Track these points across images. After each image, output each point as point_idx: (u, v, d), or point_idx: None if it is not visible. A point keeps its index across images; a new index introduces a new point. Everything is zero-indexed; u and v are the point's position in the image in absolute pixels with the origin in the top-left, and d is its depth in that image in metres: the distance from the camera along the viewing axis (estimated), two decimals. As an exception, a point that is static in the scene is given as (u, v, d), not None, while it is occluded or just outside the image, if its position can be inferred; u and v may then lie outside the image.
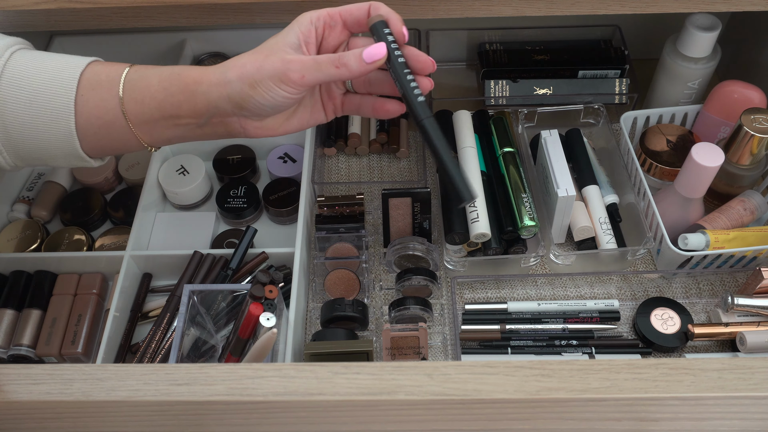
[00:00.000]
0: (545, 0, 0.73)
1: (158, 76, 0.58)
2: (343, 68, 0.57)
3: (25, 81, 0.57)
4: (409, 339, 0.75)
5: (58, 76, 0.58)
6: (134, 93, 0.58)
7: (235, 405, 0.51)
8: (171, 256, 0.82)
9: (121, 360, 0.77)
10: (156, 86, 0.58)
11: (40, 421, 0.54)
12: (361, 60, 0.57)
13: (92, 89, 0.58)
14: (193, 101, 0.58)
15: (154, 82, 0.58)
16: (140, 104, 0.58)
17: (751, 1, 0.73)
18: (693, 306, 0.81)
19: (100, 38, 1.03)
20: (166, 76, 0.58)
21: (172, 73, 0.59)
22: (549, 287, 0.83)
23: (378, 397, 0.50)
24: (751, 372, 0.51)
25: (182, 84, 0.58)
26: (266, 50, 0.58)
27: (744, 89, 0.85)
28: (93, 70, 0.59)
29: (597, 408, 0.52)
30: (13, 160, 0.60)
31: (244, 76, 0.57)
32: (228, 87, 0.57)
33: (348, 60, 0.57)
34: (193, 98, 0.58)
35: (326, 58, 0.57)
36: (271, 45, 0.59)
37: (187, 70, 0.59)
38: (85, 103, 0.58)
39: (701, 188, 0.79)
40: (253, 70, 0.57)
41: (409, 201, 0.82)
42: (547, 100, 0.96)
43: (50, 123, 0.57)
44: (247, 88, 0.57)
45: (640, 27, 1.02)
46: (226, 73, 0.58)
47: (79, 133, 0.58)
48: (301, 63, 0.57)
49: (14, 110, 0.57)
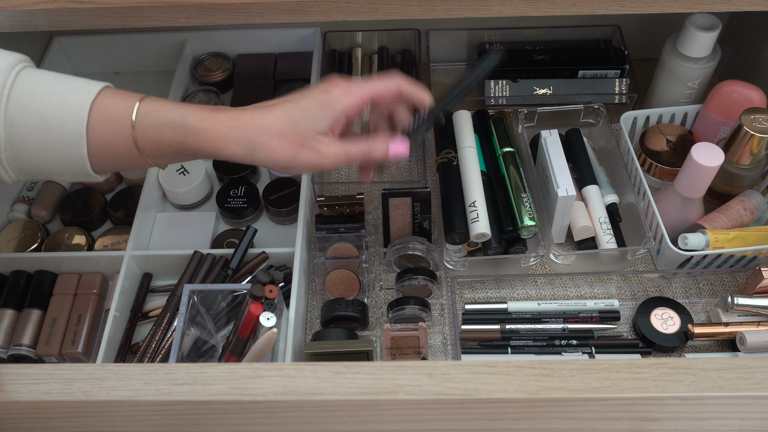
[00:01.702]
0: (545, 0, 0.73)
1: (171, 130, 0.58)
2: (371, 157, 0.62)
3: (34, 104, 0.56)
4: (409, 339, 0.75)
5: (68, 101, 0.57)
6: (148, 135, 0.58)
7: (235, 405, 0.51)
8: (171, 256, 0.82)
9: (121, 360, 0.77)
10: (170, 139, 0.58)
11: (40, 421, 0.54)
12: (386, 156, 0.62)
13: (103, 122, 0.58)
14: (212, 156, 0.60)
15: (167, 135, 0.58)
16: (156, 147, 0.59)
17: (751, 1, 0.73)
18: (693, 306, 0.81)
19: (100, 38, 1.03)
20: (180, 132, 0.58)
21: (186, 130, 0.58)
22: (549, 287, 0.83)
23: (378, 396, 0.50)
24: (751, 372, 0.51)
25: (199, 145, 0.58)
26: (297, 141, 0.58)
27: (744, 89, 0.85)
28: (103, 104, 0.58)
29: (597, 407, 0.52)
30: (17, 176, 0.60)
31: (276, 161, 0.59)
32: (255, 162, 0.59)
33: (376, 153, 0.62)
34: (213, 156, 0.60)
35: (356, 153, 0.61)
36: (302, 135, 0.58)
37: (202, 131, 0.58)
38: (96, 134, 0.57)
39: (701, 188, 0.79)
40: (286, 159, 0.58)
41: (409, 201, 0.82)
42: (547, 100, 0.96)
43: (61, 147, 0.57)
44: (278, 168, 0.60)
45: (640, 27, 1.02)
46: (254, 152, 0.58)
47: (91, 158, 0.58)
48: (335, 157, 0.60)
49: (23, 132, 0.56)
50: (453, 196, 0.81)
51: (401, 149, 0.62)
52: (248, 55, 1.05)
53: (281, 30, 1.03)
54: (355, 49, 1.04)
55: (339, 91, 0.60)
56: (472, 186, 0.81)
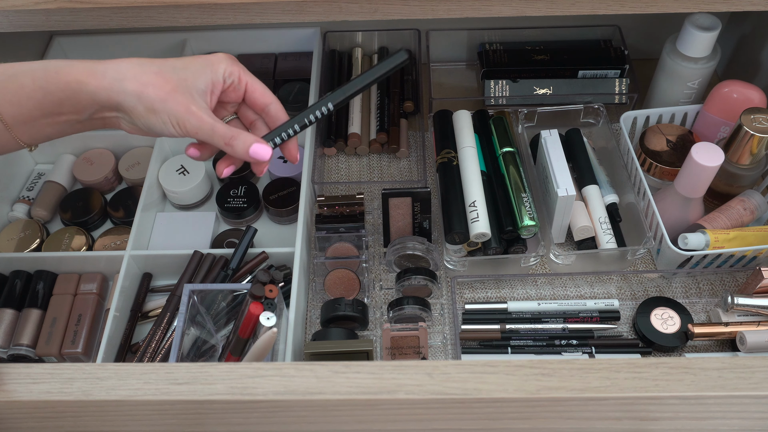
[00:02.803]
0: (545, 0, 0.73)
1: (31, 75, 0.56)
2: (230, 148, 0.60)
3: None
4: (409, 339, 0.75)
5: None
6: (7, 95, 0.56)
7: (235, 404, 0.51)
8: (171, 255, 0.82)
9: (121, 360, 0.77)
10: (31, 86, 0.56)
11: (40, 421, 0.54)
12: (246, 153, 0.60)
13: None
14: (75, 99, 0.57)
15: (27, 82, 0.56)
16: (16, 106, 0.56)
17: (751, 1, 0.73)
18: (693, 306, 0.81)
19: (100, 38, 1.03)
20: (41, 75, 0.56)
21: (47, 71, 0.56)
22: (549, 287, 0.83)
23: (378, 396, 0.50)
24: (751, 371, 0.51)
25: (62, 82, 0.56)
26: (173, 83, 0.57)
27: (744, 89, 0.85)
28: None
29: (597, 407, 0.52)
30: None
31: (144, 97, 0.56)
32: (122, 95, 0.56)
33: (237, 145, 0.60)
34: (76, 96, 0.56)
35: (221, 131, 0.59)
36: (179, 80, 0.58)
37: (66, 67, 0.56)
38: None
39: (701, 188, 0.79)
40: (156, 99, 0.57)
41: (409, 201, 0.82)
42: (547, 100, 0.96)
43: None
44: (141, 109, 0.57)
45: (640, 27, 1.02)
46: (122, 82, 0.56)
47: None
48: (200, 122, 0.58)
49: None
50: (453, 196, 0.81)
51: (261, 152, 0.60)
52: (248, 55, 1.05)
53: (281, 30, 1.03)
54: (355, 49, 1.04)
55: (222, 55, 0.60)
56: (472, 186, 0.81)
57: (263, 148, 0.60)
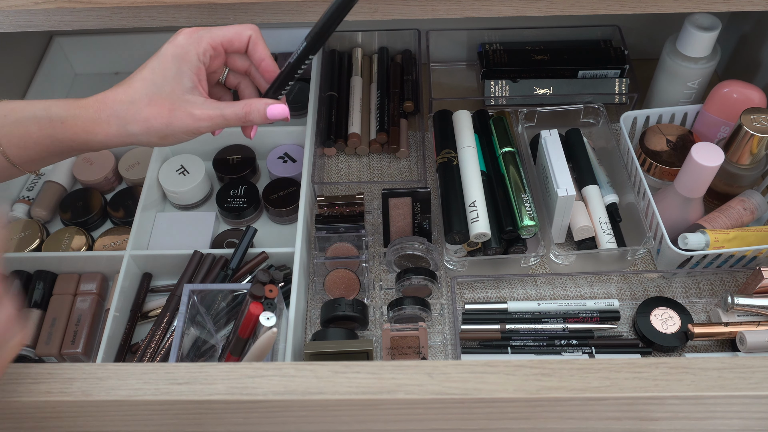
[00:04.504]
0: (545, 0, 0.73)
1: (36, 123, 0.56)
2: (249, 122, 0.60)
3: None
4: (409, 339, 0.75)
5: None
6: (13, 139, 0.56)
7: (235, 404, 0.51)
8: (171, 255, 0.82)
9: (121, 360, 0.77)
10: (38, 133, 0.56)
11: (40, 421, 0.54)
12: (265, 118, 0.60)
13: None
14: (87, 146, 0.57)
15: (33, 130, 0.56)
16: (23, 149, 0.57)
17: (751, 1, 0.73)
18: (693, 306, 0.81)
19: (100, 38, 1.03)
20: (47, 124, 0.56)
21: (53, 121, 0.56)
22: (549, 287, 0.83)
23: (378, 396, 0.50)
24: (751, 371, 0.51)
25: (70, 132, 0.56)
26: (167, 102, 0.57)
27: (744, 89, 0.85)
28: None
29: (597, 407, 0.52)
30: None
31: (152, 131, 0.57)
32: (131, 138, 0.57)
33: (254, 117, 0.60)
34: (87, 145, 0.57)
35: (232, 114, 0.59)
36: (169, 95, 0.57)
37: (70, 118, 0.56)
38: None
39: (701, 188, 0.79)
40: (161, 126, 0.57)
41: (409, 201, 0.82)
42: (547, 100, 0.96)
43: None
44: (154, 140, 0.58)
45: (640, 27, 1.02)
46: (126, 127, 0.57)
47: None
48: (210, 120, 0.58)
49: None
50: (453, 196, 0.81)
51: (278, 111, 0.60)
52: (248, 55, 1.05)
53: (281, 30, 1.03)
54: (355, 49, 1.04)
55: (185, 38, 0.59)
56: (472, 186, 0.81)
57: (278, 107, 0.61)
